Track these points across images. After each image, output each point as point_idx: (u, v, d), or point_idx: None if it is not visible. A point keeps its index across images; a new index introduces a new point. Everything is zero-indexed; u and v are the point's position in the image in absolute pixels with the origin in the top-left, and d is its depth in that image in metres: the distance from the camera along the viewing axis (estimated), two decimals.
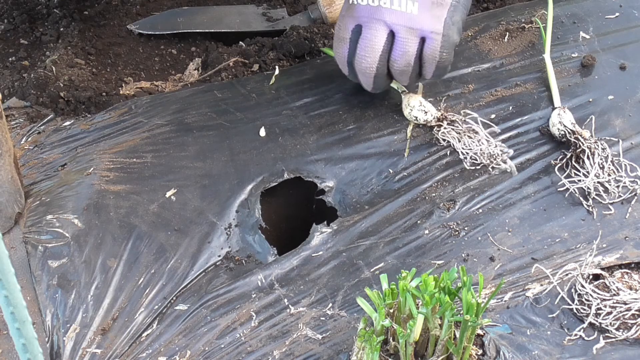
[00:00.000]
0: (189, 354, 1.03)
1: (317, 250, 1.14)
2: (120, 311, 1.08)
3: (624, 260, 1.11)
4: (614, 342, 1.02)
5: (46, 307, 1.08)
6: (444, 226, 1.17)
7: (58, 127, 1.34)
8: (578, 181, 1.20)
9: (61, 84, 1.38)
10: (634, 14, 1.48)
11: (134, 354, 1.04)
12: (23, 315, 0.70)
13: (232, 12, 1.57)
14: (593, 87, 1.36)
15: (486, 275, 1.10)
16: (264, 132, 1.30)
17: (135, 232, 1.16)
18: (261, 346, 1.04)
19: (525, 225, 1.17)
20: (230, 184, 1.23)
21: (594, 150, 1.21)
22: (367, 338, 0.90)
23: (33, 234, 1.17)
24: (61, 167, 1.27)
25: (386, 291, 0.93)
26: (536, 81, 1.37)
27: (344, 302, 1.08)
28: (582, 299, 1.05)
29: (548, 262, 1.12)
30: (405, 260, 1.13)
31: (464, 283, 0.89)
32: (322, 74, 1.39)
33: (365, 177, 1.23)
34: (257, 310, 1.08)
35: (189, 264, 1.13)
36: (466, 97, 1.34)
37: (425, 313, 0.89)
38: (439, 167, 1.24)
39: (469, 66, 1.39)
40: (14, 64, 1.46)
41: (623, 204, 1.18)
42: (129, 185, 1.22)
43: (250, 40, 1.49)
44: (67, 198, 1.21)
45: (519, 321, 1.05)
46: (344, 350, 1.02)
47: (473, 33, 1.46)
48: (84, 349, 1.04)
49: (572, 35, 1.44)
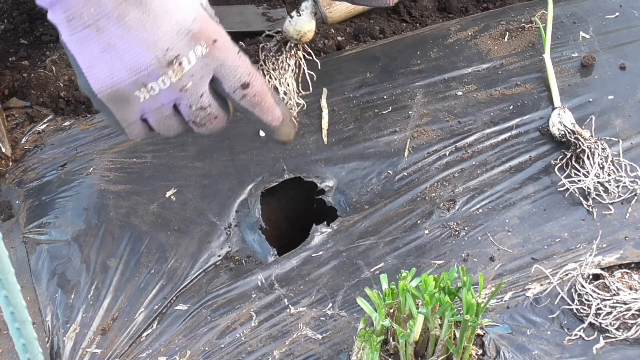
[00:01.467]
0: (189, 354, 1.03)
1: (317, 250, 1.15)
2: (120, 311, 1.08)
3: (624, 260, 1.11)
4: (614, 342, 1.02)
5: (46, 307, 1.08)
6: (444, 226, 1.17)
7: (58, 127, 1.34)
8: (578, 181, 1.20)
9: (61, 84, 1.38)
10: (634, 14, 1.48)
11: (134, 354, 1.04)
12: (23, 315, 0.70)
13: (232, 12, 1.57)
14: (593, 87, 1.36)
15: (486, 275, 1.10)
16: (263, 133, 1.30)
17: (135, 232, 1.16)
18: (261, 346, 1.04)
19: (525, 225, 1.17)
20: (230, 184, 1.23)
21: (594, 150, 1.21)
22: (367, 338, 0.90)
23: (33, 234, 1.17)
24: (61, 167, 1.27)
25: (386, 291, 0.93)
26: (536, 81, 1.37)
27: (344, 302, 1.08)
28: (582, 299, 1.05)
29: (548, 262, 1.12)
30: (405, 260, 1.13)
31: (464, 283, 0.89)
32: (322, 74, 1.39)
33: (365, 177, 1.23)
34: (257, 310, 1.08)
35: (189, 264, 1.13)
36: (466, 97, 1.34)
37: (425, 313, 0.89)
38: (439, 167, 1.24)
39: (469, 66, 1.39)
40: (14, 64, 1.46)
41: (623, 204, 1.18)
42: (129, 185, 1.22)
43: (250, 40, 1.49)
44: (67, 198, 1.21)
45: (519, 321, 1.05)
46: (344, 350, 1.02)
47: (473, 33, 1.46)
48: (84, 349, 1.04)
49: (572, 35, 1.44)
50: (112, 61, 0.88)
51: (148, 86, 0.88)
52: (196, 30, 0.89)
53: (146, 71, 0.88)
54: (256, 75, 0.93)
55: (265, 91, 0.94)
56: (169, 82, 0.88)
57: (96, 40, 0.89)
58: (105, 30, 0.88)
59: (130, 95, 0.89)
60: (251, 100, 0.94)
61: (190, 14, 0.89)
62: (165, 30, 0.88)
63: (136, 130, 0.94)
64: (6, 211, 1.21)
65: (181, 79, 0.89)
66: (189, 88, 0.90)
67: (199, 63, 0.90)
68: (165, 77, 0.88)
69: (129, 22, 0.88)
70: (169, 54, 0.87)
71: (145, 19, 0.88)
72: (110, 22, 0.88)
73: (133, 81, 0.88)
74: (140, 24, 0.88)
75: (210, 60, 0.90)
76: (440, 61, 1.39)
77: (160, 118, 0.93)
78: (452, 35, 1.45)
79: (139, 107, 0.91)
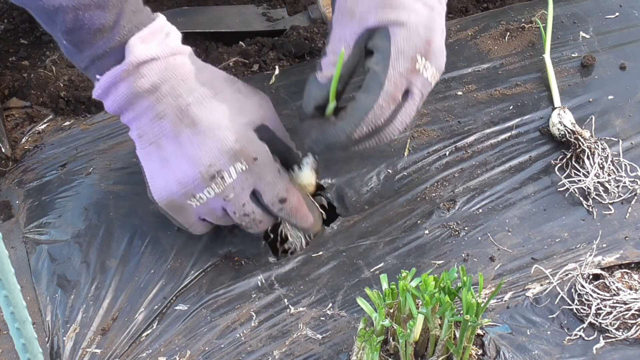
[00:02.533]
0: (189, 354, 1.03)
1: (317, 251, 1.14)
2: (120, 311, 1.08)
3: (624, 260, 1.11)
4: (614, 342, 1.02)
5: (46, 307, 1.08)
6: (444, 226, 1.17)
7: (58, 127, 1.34)
8: (578, 181, 1.20)
9: (61, 84, 1.38)
10: (634, 14, 1.48)
11: (134, 354, 1.04)
12: (23, 315, 0.70)
13: (232, 12, 1.57)
14: (593, 87, 1.36)
15: (486, 275, 1.10)
16: None
17: (135, 232, 1.16)
18: (261, 346, 1.04)
19: (525, 225, 1.17)
20: None
21: (594, 150, 1.21)
22: (367, 338, 0.90)
23: (33, 234, 1.17)
24: (61, 167, 1.27)
25: (386, 291, 0.93)
26: (536, 81, 1.37)
27: (344, 302, 1.08)
28: (582, 299, 1.06)
29: (548, 262, 1.12)
30: (405, 260, 1.13)
31: (464, 283, 0.89)
32: None
33: (365, 177, 1.23)
34: (257, 310, 1.08)
35: (189, 264, 1.13)
36: (466, 97, 1.34)
37: (425, 313, 0.89)
38: (438, 167, 1.24)
39: (469, 66, 1.39)
40: (14, 64, 1.46)
41: (623, 204, 1.18)
42: (129, 185, 1.22)
43: (250, 40, 1.49)
44: (67, 198, 1.21)
45: (519, 321, 1.05)
46: (344, 350, 1.02)
47: (473, 33, 1.46)
48: (84, 349, 1.04)
49: (572, 35, 1.44)
50: (167, 175, 1.03)
51: (197, 196, 1.03)
52: (237, 149, 1.01)
53: (193, 184, 1.02)
54: (293, 192, 1.06)
55: (300, 204, 1.07)
56: (213, 192, 1.02)
57: (156, 156, 1.04)
58: (164, 147, 1.03)
59: (184, 203, 1.04)
60: (288, 212, 1.06)
61: (233, 134, 1.01)
62: (209, 147, 1.01)
63: (199, 228, 1.11)
64: (6, 211, 1.21)
65: (224, 190, 1.02)
66: (231, 198, 1.03)
67: (240, 177, 1.01)
68: (210, 188, 1.02)
69: (181, 140, 1.02)
70: (211, 169, 1.01)
71: (194, 138, 1.01)
72: (168, 141, 1.02)
73: (183, 193, 1.03)
74: (189, 142, 1.01)
75: (249, 175, 1.02)
76: None
77: (214, 218, 1.07)
78: (452, 35, 1.45)
79: (194, 211, 1.06)
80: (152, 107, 1.01)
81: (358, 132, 0.98)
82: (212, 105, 1.02)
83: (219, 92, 1.04)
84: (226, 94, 1.04)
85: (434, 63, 1.00)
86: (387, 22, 0.98)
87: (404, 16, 0.98)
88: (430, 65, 0.99)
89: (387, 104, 0.98)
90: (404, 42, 0.97)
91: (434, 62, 1.00)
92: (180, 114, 1.00)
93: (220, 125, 1.01)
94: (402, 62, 0.97)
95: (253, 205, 1.04)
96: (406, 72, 0.97)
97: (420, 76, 0.99)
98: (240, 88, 1.08)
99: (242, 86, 1.09)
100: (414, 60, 0.98)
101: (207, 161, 1.00)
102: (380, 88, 0.97)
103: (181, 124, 1.01)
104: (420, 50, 0.98)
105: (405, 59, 0.97)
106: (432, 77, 1.01)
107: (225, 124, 1.01)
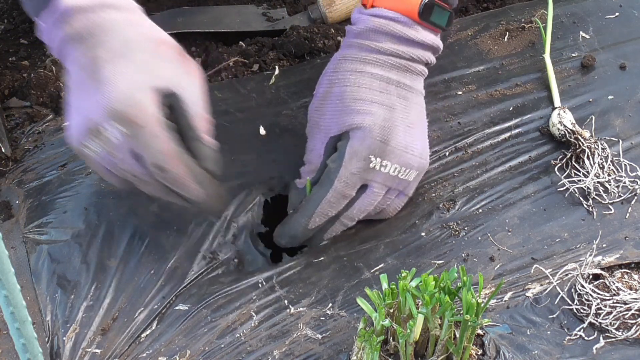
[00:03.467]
0: (189, 354, 1.03)
1: (319, 256, 1.14)
2: (120, 311, 1.08)
3: (624, 260, 1.11)
4: (614, 342, 1.02)
5: (46, 307, 1.08)
6: (444, 226, 1.17)
7: (58, 127, 1.34)
8: (578, 181, 1.20)
9: (61, 84, 1.38)
10: (634, 14, 1.48)
11: (134, 354, 1.04)
12: (23, 315, 0.70)
13: (232, 12, 1.57)
14: (593, 87, 1.36)
15: (486, 275, 1.10)
16: (263, 132, 1.30)
17: (135, 232, 1.16)
18: (261, 346, 1.04)
19: (525, 225, 1.17)
20: (230, 185, 1.23)
21: (593, 150, 1.21)
22: (367, 338, 0.90)
23: (33, 234, 1.17)
24: (61, 167, 1.27)
25: (386, 291, 0.93)
26: (536, 81, 1.37)
27: (344, 302, 1.08)
28: (582, 299, 1.06)
29: (548, 262, 1.12)
30: (405, 260, 1.13)
31: (464, 283, 0.89)
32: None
33: None
34: (257, 310, 1.08)
35: (189, 264, 1.13)
36: (466, 97, 1.34)
37: (425, 313, 0.89)
38: (438, 167, 1.24)
39: (469, 66, 1.39)
40: (14, 64, 1.46)
41: (623, 204, 1.19)
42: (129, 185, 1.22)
43: (250, 40, 1.48)
44: (67, 198, 1.21)
45: (519, 321, 1.05)
46: (344, 350, 1.02)
47: (473, 33, 1.46)
48: (84, 349, 1.04)
49: (572, 35, 1.44)
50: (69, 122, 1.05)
51: (86, 145, 1.03)
52: (116, 108, 0.99)
53: (77, 133, 1.03)
54: (176, 163, 1.02)
55: (185, 175, 1.03)
56: (95, 144, 1.02)
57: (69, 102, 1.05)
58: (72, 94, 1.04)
59: (82, 152, 1.04)
60: (170, 181, 1.03)
61: (120, 93, 1.00)
62: (92, 100, 1.01)
63: (112, 180, 1.08)
64: (6, 211, 1.21)
65: (105, 144, 1.01)
66: (114, 155, 1.02)
67: (117, 136, 1.00)
68: (92, 140, 1.02)
69: (80, 91, 1.03)
70: (90, 122, 1.00)
71: (89, 90, 1.01)
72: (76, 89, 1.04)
73: (75, 139, 1.04)
74: (85, 93, 1.01)
75: (128, 137, 1.00)
76: (440, 61, 1.38)
77: (114, 171, 1.05)
78: (452, 35, 1.45)
79: (95, 161, 1.04)
80: (74, 55, 1.02)
81: (312, 223, 1.10)
82: (119, 62, 1.01)
83: (135, 51, 1.03)
84: (143, 54, 1.03)
85: (394, 160, 1.09)
86: (347, 128, 1.10)
87: (360, 120, 1.09)
88: (390, 163, 1.08)
89: (337, 199, 1.09)
90: (358, 144, 1.07)
91: (394, 159, 1.09)
92: (91, 66, 1.01)
93: (111, 81, 1.00)
94: (354, 162, 1.07)
95: (135, 166, 1.03)
96: (359, 171, 1.08)
97: (378, 173, 1.08)
98: (164, 51, 1.07)
99: (169, 50, 1.07)
100: (367, 161, 1.07)
101: (87, 113, 1.01)
102: (331, 185, 1.08)
103: (87, 75, 1.01)
104: (374, 151, 1.08)
105: (358, 159, 1.07)
106: (397, 170, 1.10)
107: (116, 82, 1.00)
